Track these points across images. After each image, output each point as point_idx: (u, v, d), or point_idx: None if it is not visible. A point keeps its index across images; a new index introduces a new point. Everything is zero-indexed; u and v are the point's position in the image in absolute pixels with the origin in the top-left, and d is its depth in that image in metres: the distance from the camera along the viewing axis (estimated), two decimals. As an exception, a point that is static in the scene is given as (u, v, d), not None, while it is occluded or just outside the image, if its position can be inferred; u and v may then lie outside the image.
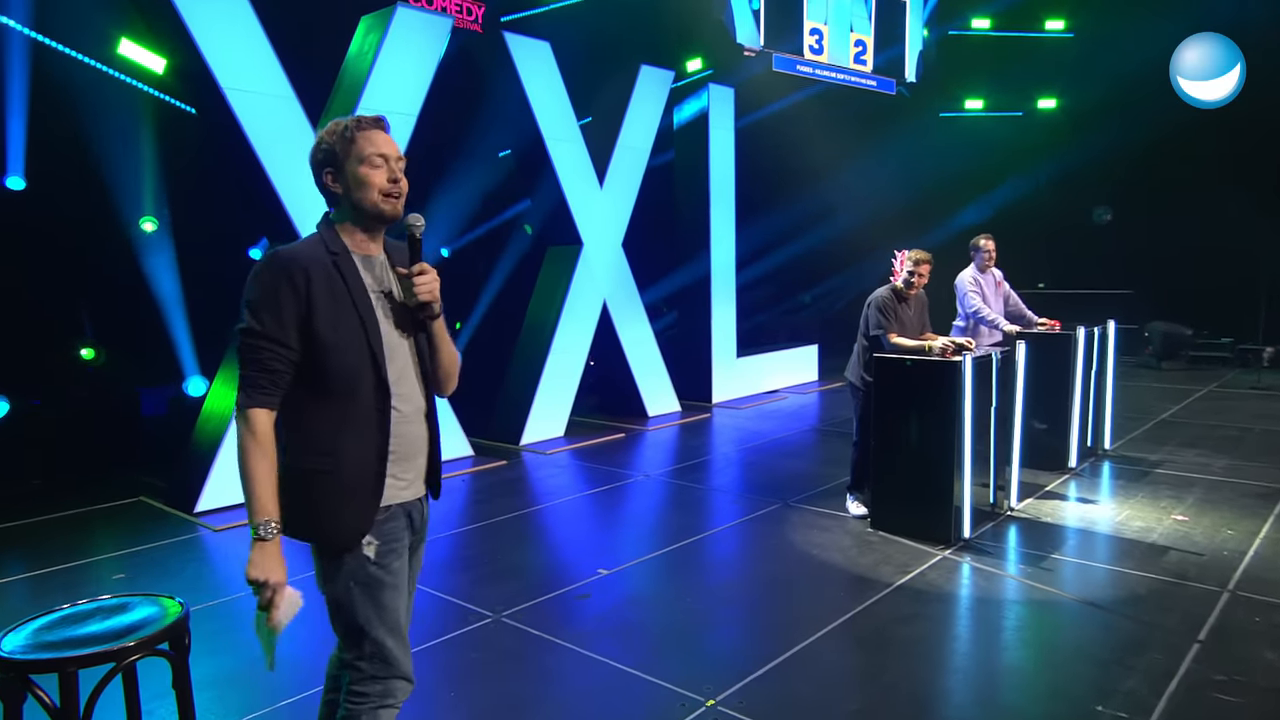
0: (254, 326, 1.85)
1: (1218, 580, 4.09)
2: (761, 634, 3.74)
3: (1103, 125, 12.84)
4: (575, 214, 7.80)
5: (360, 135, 1.96)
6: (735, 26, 11.16)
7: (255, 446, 1.83)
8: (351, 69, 6.32)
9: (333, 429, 1.91)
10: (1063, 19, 13.98)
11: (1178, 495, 5.53)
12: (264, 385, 1.85)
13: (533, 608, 3.96)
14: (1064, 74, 13.83)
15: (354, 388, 1.92)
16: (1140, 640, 3.55)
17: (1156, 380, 10.45)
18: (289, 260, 1.88)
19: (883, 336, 5.07)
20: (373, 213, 1.97)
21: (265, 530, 1.80)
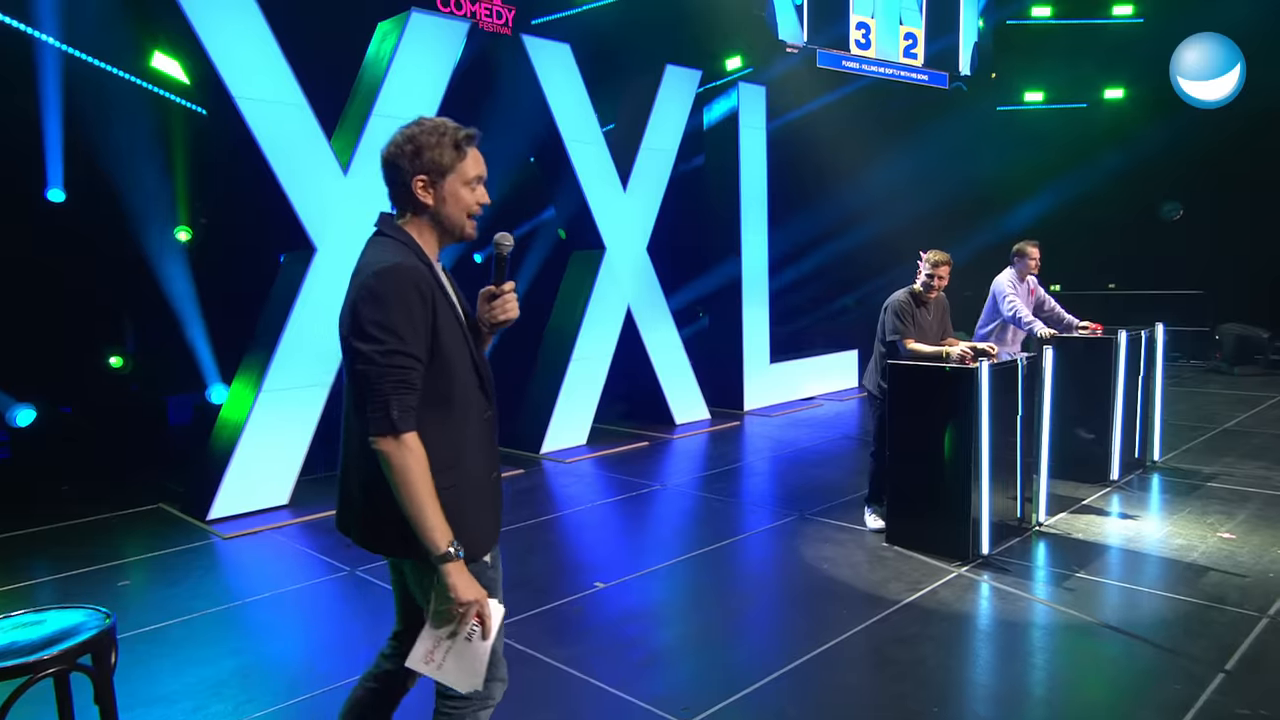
0: (396, 346, 1.79)
1: (1258, 605, 3.85)
2: (755, 652, 3.66)
3: (1174, 116, 12.31)
4: (597, 218, 7.80)
5: (469, 152, 1.95)
6: (777, 23, 11.07)
7: (423, 470, 1.80)
8: (368, 75, 6.43)
9: (459, 442, 1.93)
10: (1131, 4, 13.46)
11: (1228, 511, 5.24)
12: (413, 406, 1.82)
13: (520, 623, 3.93)
14: (1132, 62, 13.29)
15: (469, 400, 1.95)
16: (1161, 669, 3.36)
17: (1227, 386, 9.96)
18: (412, 272, 1.85)
19: (899, 342, 4.93)
20: (457, 232, 1.98)
21: (458, 550, 1.81)
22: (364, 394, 1.81)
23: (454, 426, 1.92)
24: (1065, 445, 5.98)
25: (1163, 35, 12.69)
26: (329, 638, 3.92)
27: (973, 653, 3.57)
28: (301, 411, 5.91)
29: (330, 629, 4.05)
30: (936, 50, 12.68)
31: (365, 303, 1.82)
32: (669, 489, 6.38)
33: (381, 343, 1.79)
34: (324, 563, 4.82)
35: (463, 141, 1.94)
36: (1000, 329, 6.24)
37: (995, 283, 6.21)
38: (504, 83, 7.74)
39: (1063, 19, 13.88)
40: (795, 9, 11.27)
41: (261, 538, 5.32)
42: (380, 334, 1.79)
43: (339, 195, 5.99)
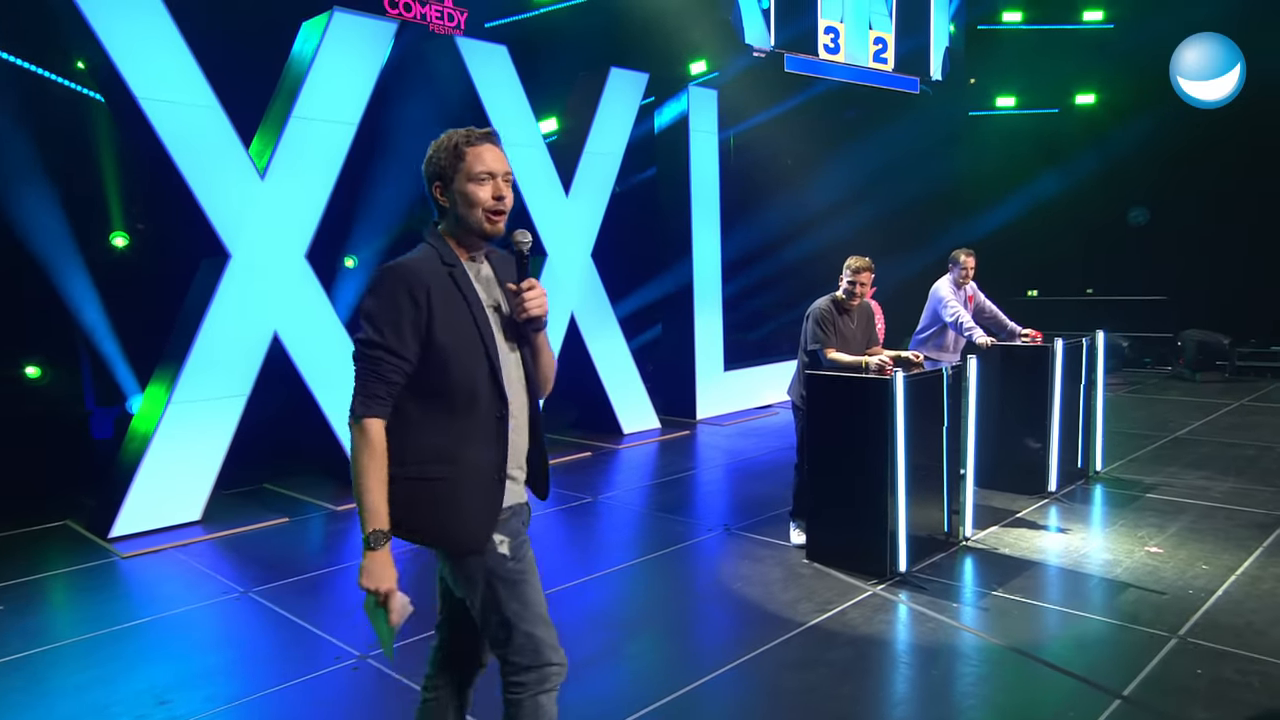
0: (374, 338, 1.93)
1: (1171, 624, 3.72)
2: (640, 679, 3.50)
3: (1145, 121, 12.26)
4: (538, 224, 7.65)
5: (469, 151, 2.02)
6: (744, 27, 10.94)
7: (372, 456, 1.92)
8: (290, 77, 6.27)
9: (454, 438, 2.00)
10: (1101, 9, 13.41)
11: (1162, 524, 5.12)
12: (381, 396, 1.94)
13: (407, 648, 3.76)
14: (1104, 67, 13.24)
15: (474, 398, 2.00)
16: (1060, 695, 3.22)
17: (1187, 393, 9.88)
18: (408, 272, 1.97)
19: (820, 351, 4.79)
20: (476, 230, 2.04)
21: (376, 540, 1.91)
22: None
23: (451, 420, 1.99)
24: (1004, 456, 5.87)
25: (1133, 41, 12.65)
26: (202, 666, 3.74)
27: (865, 680, 3.41)
28: (215, 424, 5.73)
29: (204, 657, 3.86)
30: (907, 55, 12.60)
31: (364, 297, 1.99)
32: (601, 502, 6.23)
33: (363, 333, 1.95)
34: (219, 584, 4.64)
35: (461, 142, 2.03)
36: (939, 334, 6.16)
37: (935, 288, 6.14)
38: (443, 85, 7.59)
39: (1034, 24, 13.83)
40: (762, 13, 11.16)
41: (163, 557, 5.13)
42: (364, 324, 1.95)
43: (255, 200, 5.82)
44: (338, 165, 6.24)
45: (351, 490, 1.94)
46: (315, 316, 6.27)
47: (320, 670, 3.56)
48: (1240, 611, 3.84)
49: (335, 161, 6.23)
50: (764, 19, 11.13)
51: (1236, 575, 4.26)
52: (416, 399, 1.98)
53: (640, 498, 6.33)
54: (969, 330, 5.87)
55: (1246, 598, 3.99)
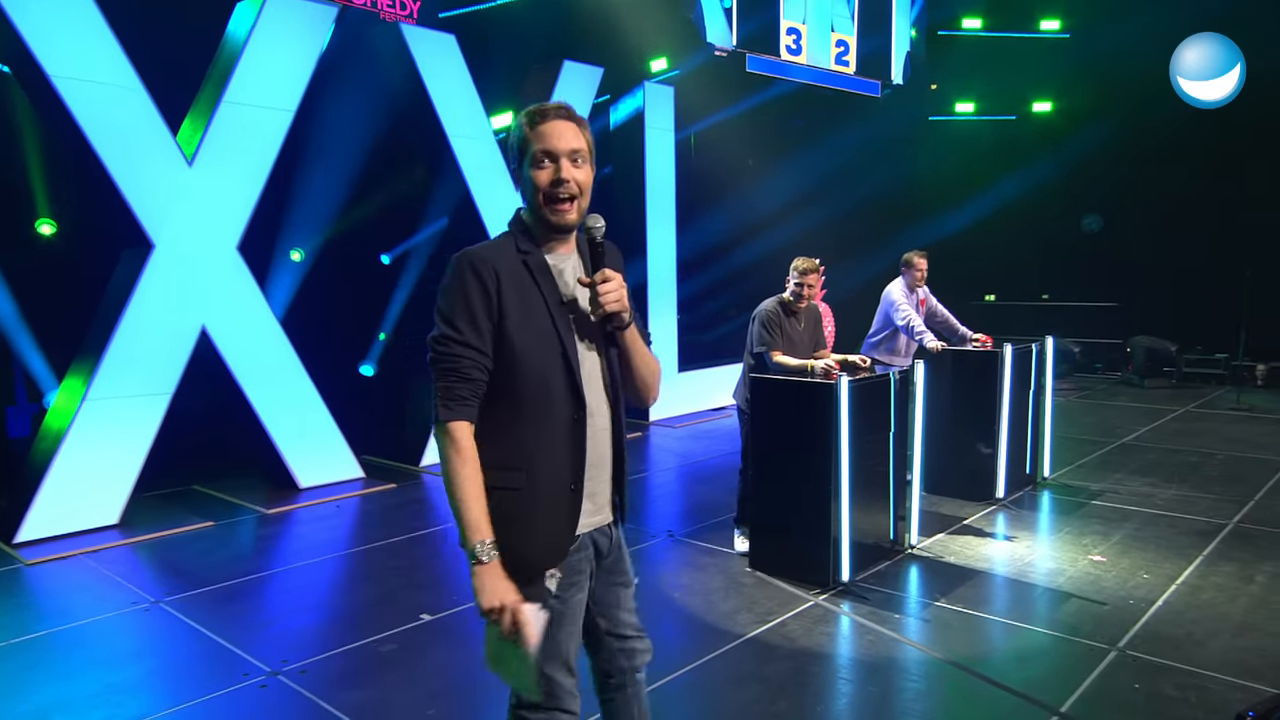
0: (448, 333, 1.77)
1: (1110, 636, 3.67)
2: (571, 696, 3.35)
3: (1100, 130, 12.40)
4: (485, 218, 7.45)
5: (531, 131, 1.84)
6: (705, 25, 10.84)
7: (464, 462, 1.75)
8: (222, 60, 6.01)
9: (526, 443, 1.82)
10: (1058, 19, 13.54)
11: (1106, 531, 5.10)
12: (465, 396, 1.77)
13: (323, 662, 3.58)
14: (1060, 76, 13.38)
15: (548, 397, 1.83)
16: (998, 711, 3.14)
17: (1135, 399, 9.99)
18: (477, 260, 1.80)
19: (765, 354, 4.68)
20: (541, 218, 1.86)
21: (485, 553, 1.73)
22: None
23: (524, 424, 1.81)
24: (953, 461, 5.83)
25: (1089, 50, 12.79)
26: (98, 684, 3.51)
27: (802, 696, 3.30)
28: (135, 422, 5.47)
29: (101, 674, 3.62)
30: (868, 58, 12.59)
31: (439, 294, 1.83)
32: (544, 506, 6.06)
33: (436, 329, 1.79)
34: (128, 593, 4.40)
35: (525, 122, 1.86)
36: (891, 337, 6.11)
37: (887, 291, 6.08)
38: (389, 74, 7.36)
39: (993, 31, 13.91)
40: (724, 12, 11.06)
41: (72, 564, 4.86)
42: (438, 321, 1.80)
43: (182, 188, 5.57)
44: (273, 153, 6.00)
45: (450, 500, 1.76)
46: (247, 311, 6.03)
47: (227, 688, 3.35)
48: (1180, 622, 3.80)
49: (270, 149, 5.99)
50: (726, 18, 11.03)
51: (1177, 585, 4.24)
52: (486, 399, 1.81)
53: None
54: (920, 334, 5.83)
55: (1186, 608, 3.96)
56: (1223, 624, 3.78)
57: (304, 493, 6.31)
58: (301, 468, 6.36)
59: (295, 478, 6.33)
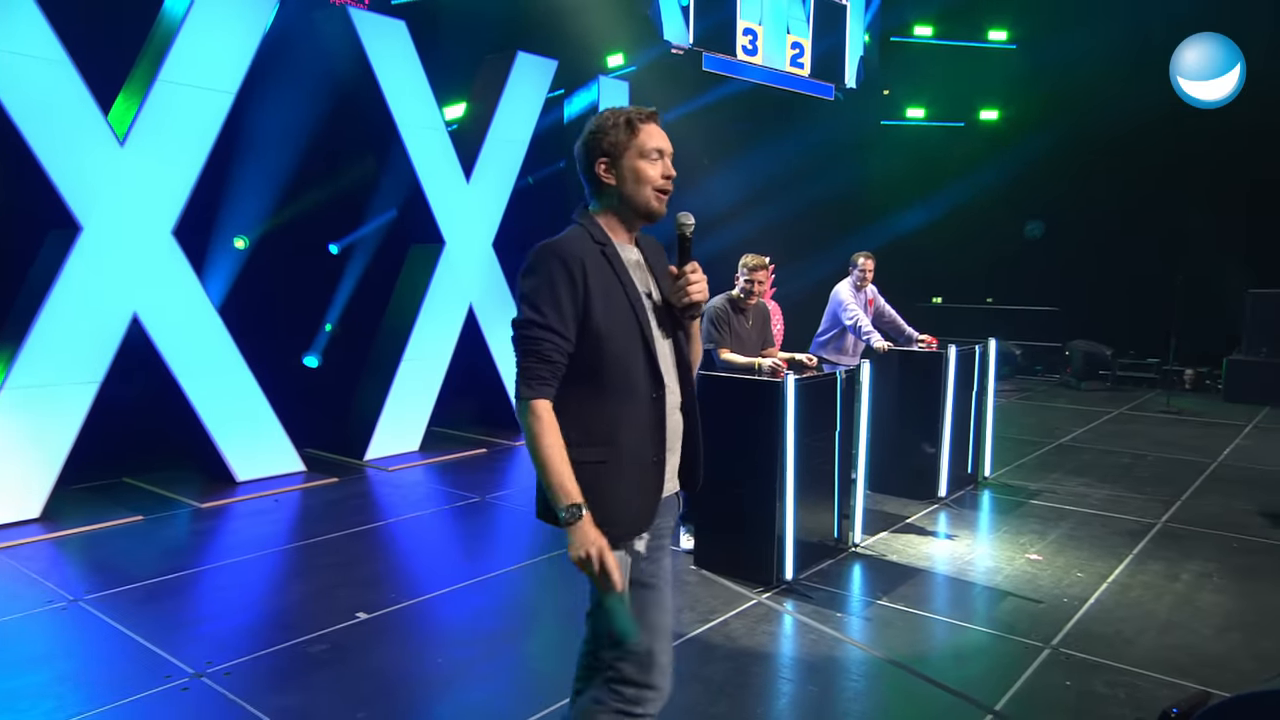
0: (533, 318, 1.88)
1: (1045, 634, 3.70)
2: (517, 689, 3.26)
3: (1044, 139, 12.63)
4: (435, 210, 7.30)
5: (642, 128, 2.00)
6: (663, 23, 10.77)
7: (548, 433, 1.86)
8: (158, 37, 5.76)
9: (611, 421, 1.95)
10: (1006, 30, 13.76)
11: (1043, 530, 5.16)
12: (544, 376, 1.89)
13: (250, 663, 3.44)
14: (1007, 85, 13.60)
15: (631, 378, 1.96)
16: (935, 710, 3.13)
17: (1073, 401, 10.20)
18: (563, 252, 1.92)
19: (713, 351, 4.64)
20: (644, 209, 2.02)
21: (573, 514, 1.83)
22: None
23: (608, 402, 1.94)
24: (897, 460, 5.86)
25: (1034, 61, 13.02)
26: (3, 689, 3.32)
27: (742, 696, 3.26)
28: (59, 412, 5.22)
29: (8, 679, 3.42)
30: (823, 61, 12.65)
31: (520, 279, 1.94)
32: (488, 502, 5.95)
33: (522, 314, 1.90)
34: (45, 591, 4.18)
35: (634, 118, 2.00)
36: (839, 337, 6.13)
37: (835, 291, 6.10)
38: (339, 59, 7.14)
39: (943, 39, 14.08)
40: (681, 10, 11.00)
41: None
42: (524, 306, 1.91)
43: (112, 168, 5.32)
44: (212, 136, 5.78)
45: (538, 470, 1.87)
46: (182, 298, 5.79)
47: (144, 692, 3.18)
48: (1110, 620, 3.85)
49: (209, 132, 5.76)
50: (683, 15, 10.98)
51: (1108, 583, 4.30)
52: (572, 381, 1.93)
53: (532, 498, 6.04)
54: (867, 334, 5.86)
55: (1117, 606, 4.02)
56: (1150, 622, 3.84)
57: (241, 486, 6.10)
58: (239, 460, 6.15)
59: (232, 470, 6.11)
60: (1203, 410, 9.44)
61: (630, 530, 1.97)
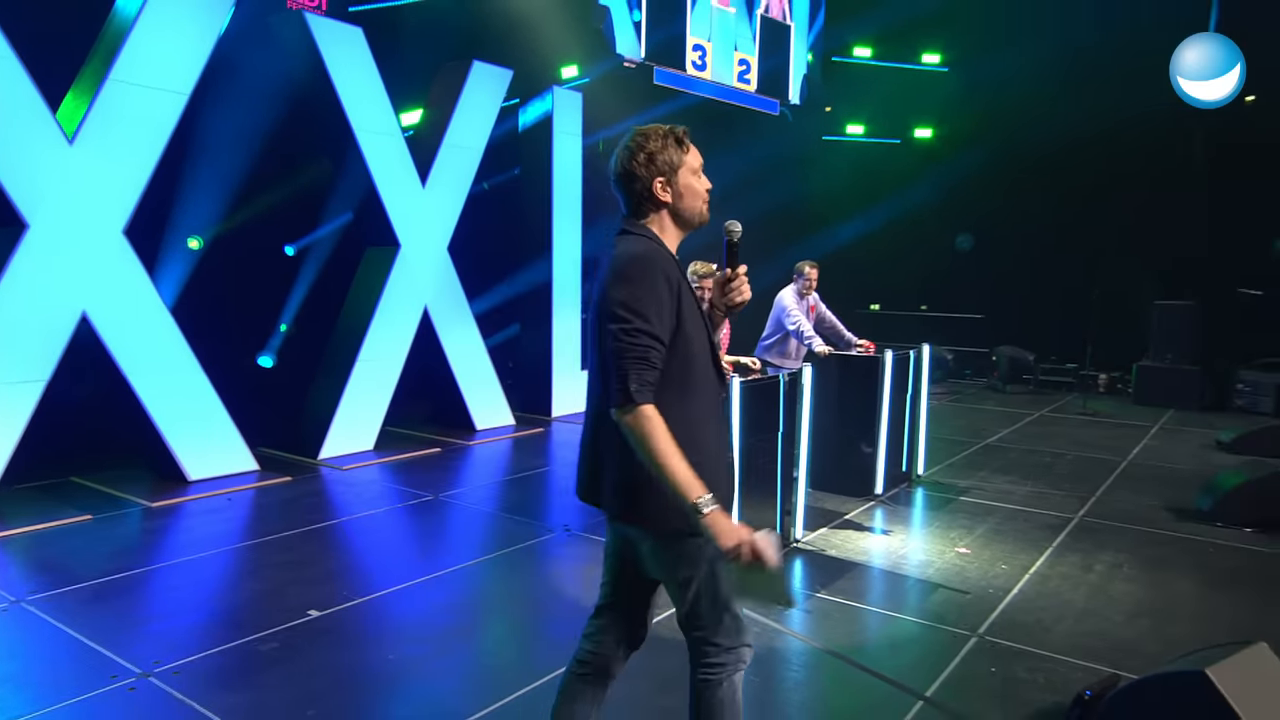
0: (642, 326, 1.89)
1: (972, 624, 3.78)
2: (467, 685, 3.21)
3: (974, 157, 12.94)
4: (391, 214, 7.18)
5: (690, 146, 2.10)
6: (615, 37, 10.76)
7: (662, 435, 1.86)
8: (109, 35, 5.55)
9: (699, 422, 1.98)
10: (939, 53, 14.07)
11: (971, 526, 5.28)
12: (650, 382, 1.89)
13: (199, 662, 3.32)
14: (940, 105, 13.91)
15: (706, 381, 2.03)
16: (869, 699, 3.17)
17: (999, 403, 10.47)
18: (663, 261, 1.97)
19: (661, 354, 4.63)
20: (695, 220, 2.12)
21: (707, 504, 1.83)
22: (609, 369, 1.91)
23: (692, 407, 1.99)
24: (837, 459, 5.93)
25: (965, 82, 13.35)
26: None
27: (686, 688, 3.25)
28: (1, 411, 4.98)
29: None
30: (768, 78, 12.79)
31: (616, 286, 1.93)
32: (444, 500, 5.86)
33: (627, 322, 1.89)
34: (-11, 591, 3.99)
35: (683, 136, 2.09)
36: (782, 341, 6.20)
37: (779, 297, 6.16)
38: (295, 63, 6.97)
39: (881, 61, 14.35)
40: (634, 25, 11.02)
41: (-74, 560, 4.39)
42: (626, 314, 1.89)
43: (61, 166, 5.12)
44: (164, 136, 5.59)
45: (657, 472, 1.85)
46: (133, 297, 5.59)
47: (89, 692, 3.06)
48: (1031, 609, 3.96)
49: (162, 132, 5.57)
50: (635, 30, 11.01)
51: (1030, 574, 4.42)
52: (669, 386, 1.94)
53: (485, 496, 6.01)
54: (809, 339, 5.93)
55: (1038, 596, 4.13)
56: (1067, 610, 3.95)
57: (193, 485, 5.91)
58: (190, 459, 5.95)
59: (184, 469, 5.92)
60: (1115, 412, 9.77)
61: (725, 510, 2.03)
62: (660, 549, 2.05)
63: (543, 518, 5.47)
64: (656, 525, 2.00)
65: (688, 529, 1.92)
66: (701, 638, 2.09)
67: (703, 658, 2.10)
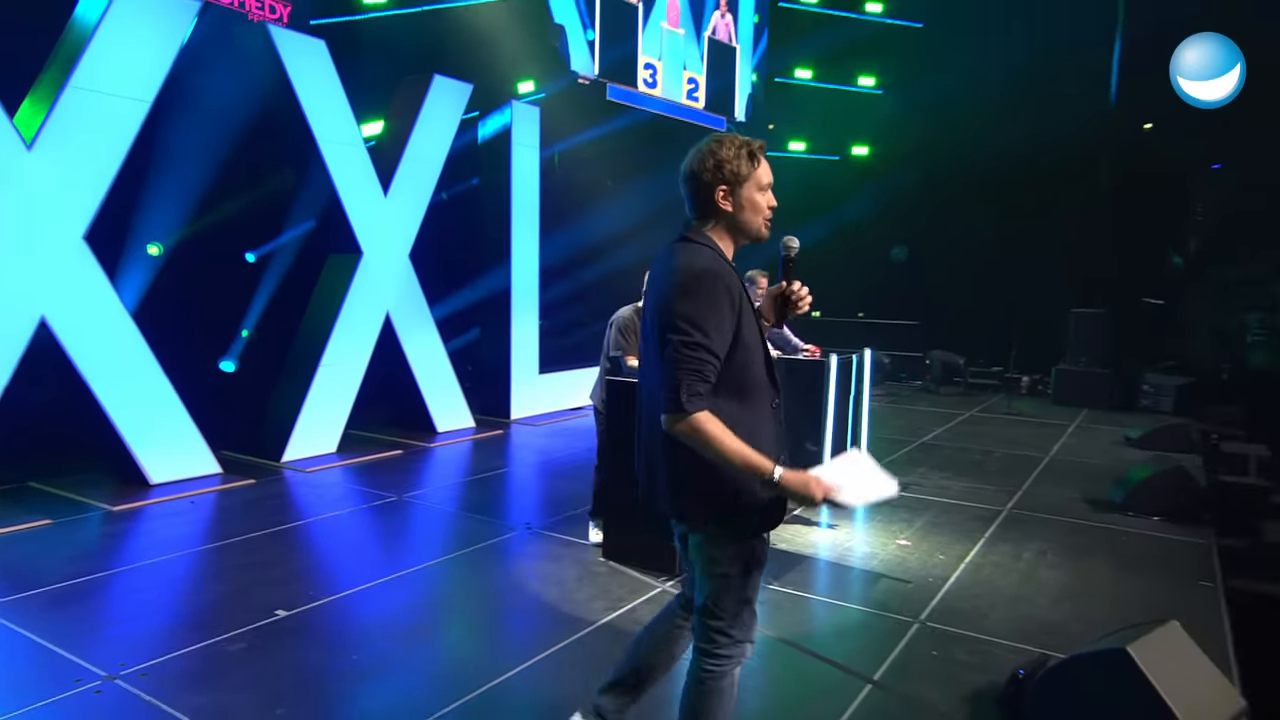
0: (700, 340, 1.89)
1: (914, 610, 3.87)
2: (435, 681, 3.16)
3: (908, 173, 13.24)
4: (354, 222, 7.04)
5: (760, 163, 2.06)
6: (570, 55, 10.74)
7: (721, 430, 1.90)
8: (69, 41, 5.33)
9: (749, 429, 1.97)
10: (874, 76, 14.39)
11: (910, 519, 5.40)
12: (703, 393, 1.91)
13: (166, 664, 3.21)
14: (875, 125, 14.21)
15: (761, 390, 2.04)
16: (821, 683, 3.22)
17: (933, 405, 10.72)
18: (726, 275, 1.96)
19: (621, 358, 4.64)
20: (754, 234, 2.09)
21: (779, 473, 1.90)
22: (665, 377, 1.92)
23: (750, 412, 2.01)
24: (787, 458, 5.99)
25: (899, 104, 13.67)
26: None
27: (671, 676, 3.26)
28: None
29: None
30: (716, 96, 12.91)
31: (679, 299, 1.92)
32: (407, 500, 5.76)
33: (687, 334, 1.89)
34: (-55, 598, 3.79)
35: (757, 151, 2.06)
36: None
37: None
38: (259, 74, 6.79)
39: (820, 82, 14.61)
40: (588, 43, 11.01)
41: (-122, 567, 4.15)
42: (687, 326, 1.89)
43: (18, 171, 4.91)
44: (125, 143, 5.40)
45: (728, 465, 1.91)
46: (93, 303, 5.38)
47: (54, 696, 2.93)
48: (967, 596, 4.06)
49: (123, 139, 5.38)
50: (589, 49, 11.00)
51: (965, 563, 4.53)
52: (727, 394, 1.97)
53: (447, 496, 5.92)
54: None
55: (973, 583, 4.24)
56: (1000, 596, 4.07)
57: (155, 489, 5.70)
58: (152, 463, 5.74)
59: (145, 473, 5.70)
60: (1036, 411, 10.09)
61: (769, 523, 2.08)
62: (700, 544, 2.10)
63: (505, 516, 5.41)
64: (695, 523, 2.07)
65: (724, 530, 2.04)
66: (718, 628, 2.12)
67: (714, 647, 2.12)
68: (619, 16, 11.03)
